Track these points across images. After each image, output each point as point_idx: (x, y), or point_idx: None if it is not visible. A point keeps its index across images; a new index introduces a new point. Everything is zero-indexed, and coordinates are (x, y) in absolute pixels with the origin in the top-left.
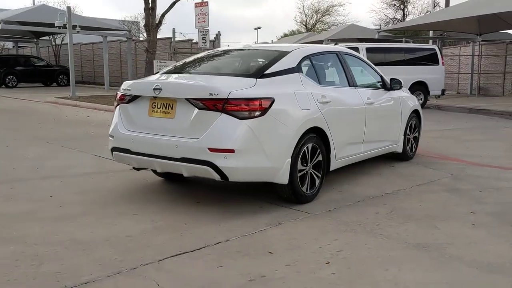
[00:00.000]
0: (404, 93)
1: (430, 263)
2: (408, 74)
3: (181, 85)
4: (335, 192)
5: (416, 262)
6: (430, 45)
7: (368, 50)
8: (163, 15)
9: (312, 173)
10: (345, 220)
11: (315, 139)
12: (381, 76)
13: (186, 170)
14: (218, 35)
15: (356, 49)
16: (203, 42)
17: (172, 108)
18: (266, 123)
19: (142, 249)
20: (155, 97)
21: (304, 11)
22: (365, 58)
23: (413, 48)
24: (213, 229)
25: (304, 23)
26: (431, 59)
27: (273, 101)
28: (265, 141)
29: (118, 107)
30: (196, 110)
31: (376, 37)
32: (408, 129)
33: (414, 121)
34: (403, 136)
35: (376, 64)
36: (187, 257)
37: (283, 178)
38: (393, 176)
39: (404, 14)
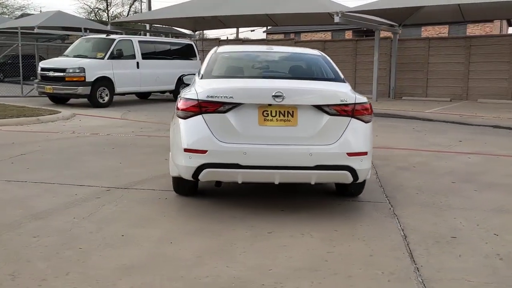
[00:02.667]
0: None
1: None
2: (175, 68)
3: (308, 91)
4: None
5: None
6: (188, 41)
7: (141, 42)
8: None
9: None
10: (419, 202)
11: None
12: None
13: (318, 177)
14: None
15: (129, 41)
16: None
17: (293, 116)
18: (372, 125)
19: (381, 260)
20: (269, 105)
21: None
22: None
23: (176, 43)
24: (365, 229)
25: None
26: (190, 53)
27: None
28: (372, 142)
29: (200, 116)
30: (327, 116)
31: (109, 28)
32: None
33: None
34: None
35: (145, 58)
36: (418, 254)
37: (369, 174)
38: None
39: (107, 4)
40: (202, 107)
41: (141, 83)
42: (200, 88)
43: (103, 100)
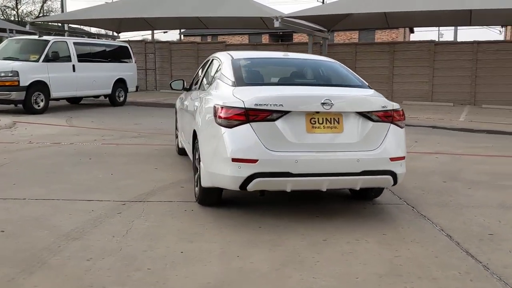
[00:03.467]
0: None
1: None
2: (111, 71)
3: (352, 98)
4: None
5: None
6: (123, 43)
7: (76, 44)
8: None
9: None
10: (432, 202)
11: None
12: None
13: (363, 183)
14: None
15: (64, 43)
16: None
17: (338, 123)
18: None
19: (448, 261)
20: (317, 112)
21: None
22: None
23: (112, 45)
24: (408, 231)
25: None
26: (125, 56)
27: None
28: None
29: (247, 125)
30: (371, 122)
31: (27, 28)
32: None
33: None
34: None
35: (81, 61)
36: (475, 252)
37: None
38: None
39: (17, 1)
40: (250, 116)
41: (77, 87)
42: (244, 96)
43: (39, 106)
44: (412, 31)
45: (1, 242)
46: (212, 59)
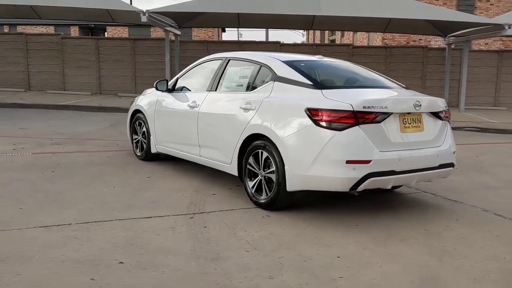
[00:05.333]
0: None
1: None
2: None
3: (428, 100)
4: None
5: None
6: None
7: None
8: None
9: None
10: (441, 187)
11: None
12: None
13: (438, 175)
14: None
15: None
16: None
17: (420, 122)
18: None
19: None
20: (408, 113)
21: None
22: None
23: None
24: (469, 216)
25: None
26: None
27: None
28: None
29: (357, 127)
30: (440, 121)
31: None
32: None
33: None
34: None
35: None
36: None
37: None
38: None
39: None
40: (359, 118)
41: None
42: (347, 99)
43: None
44: (224, 30)
45: (145, 276)
46: (229, 59)
